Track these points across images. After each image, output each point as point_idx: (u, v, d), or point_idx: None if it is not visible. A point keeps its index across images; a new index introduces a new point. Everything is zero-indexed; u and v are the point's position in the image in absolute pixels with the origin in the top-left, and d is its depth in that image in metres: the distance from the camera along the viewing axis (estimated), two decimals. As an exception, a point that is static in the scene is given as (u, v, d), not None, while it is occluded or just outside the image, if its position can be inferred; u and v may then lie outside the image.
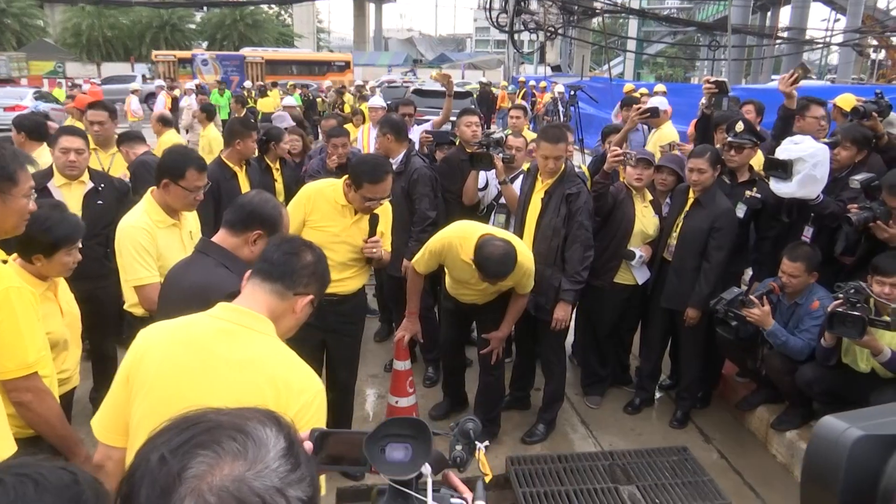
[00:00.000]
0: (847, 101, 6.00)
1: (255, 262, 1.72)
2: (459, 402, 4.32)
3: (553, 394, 4.17)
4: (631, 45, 36.41)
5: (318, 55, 38.99)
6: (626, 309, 4.50)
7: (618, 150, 4.09)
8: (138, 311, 3.01)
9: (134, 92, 15.46)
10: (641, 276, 4.36)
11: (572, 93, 9.81)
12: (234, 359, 1.54)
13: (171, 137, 6.88)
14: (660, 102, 7.07)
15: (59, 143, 3.67)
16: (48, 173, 3.77)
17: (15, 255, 2.50)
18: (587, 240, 3.88)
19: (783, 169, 3.62)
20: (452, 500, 1.22)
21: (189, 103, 13.10)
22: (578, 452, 3.95)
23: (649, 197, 4.41)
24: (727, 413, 4.49)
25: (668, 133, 6.77)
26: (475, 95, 16.17)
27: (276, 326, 1.64)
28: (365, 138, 6.72)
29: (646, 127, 7.08)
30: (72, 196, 3.62)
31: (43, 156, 4.47)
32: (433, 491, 1.17)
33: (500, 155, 4.55)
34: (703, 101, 4.55)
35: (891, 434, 0.75)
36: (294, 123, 8.04)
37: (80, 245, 2.65)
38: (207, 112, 9.15)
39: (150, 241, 2.88)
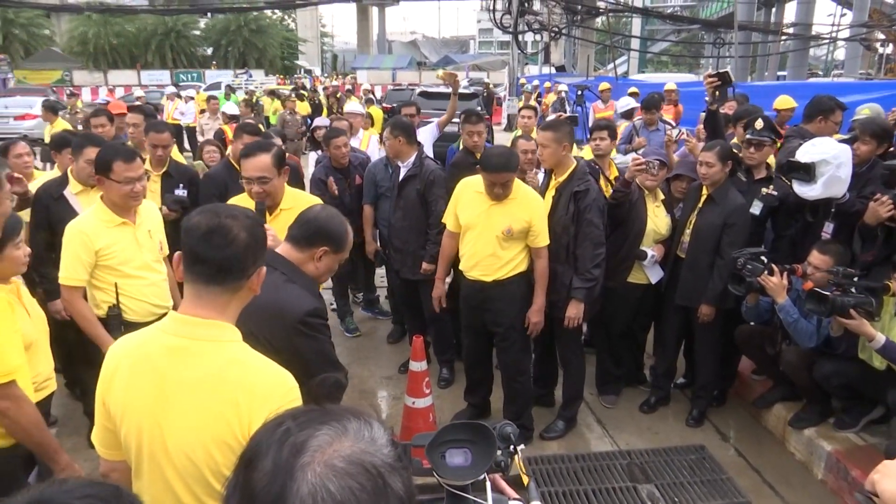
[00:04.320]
0: (785, 102, 6.30)
1: (187, 259, 1.52)
2: (483, 412, 4.29)
3: (572, 391, 4.17)
4: (635, 43, 36.36)
5: None
6: (640, 308, 4.49)
7: (640, 159, 4.09)
8: (99, 311, 3.10)
9: (169, 97, 15.67)
10: (654, 275, 4.36)
11: (579, 92, 9.79)
12: (187, 379, 1.44)
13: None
14: (627, 103, 7.19)
15: (85, 154, 3.59)
16: (63, 181, 3.77)
17: None
18: (597, 237, 3.83)
19: (805, 171, 3.61)
20: (510, 502, 1.22)
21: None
22: (595, 452, 3.94)
23: (661, 196, 4.41)
24: (743, 411, 4.48)
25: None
26: (482, 96, 16.13)
27: (234, 309, 1.53)
28: (365, 142, 6.77)
29: (667, 126, 7.10)
30: (90, 202, 3.60)
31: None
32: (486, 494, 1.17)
33: None
34: (707, 97, 4.53)
35: None
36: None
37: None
38: (52, 109, 9.46)
39: (86, 242, 2.97)
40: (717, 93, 4.40)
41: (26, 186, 3.68)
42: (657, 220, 4.32)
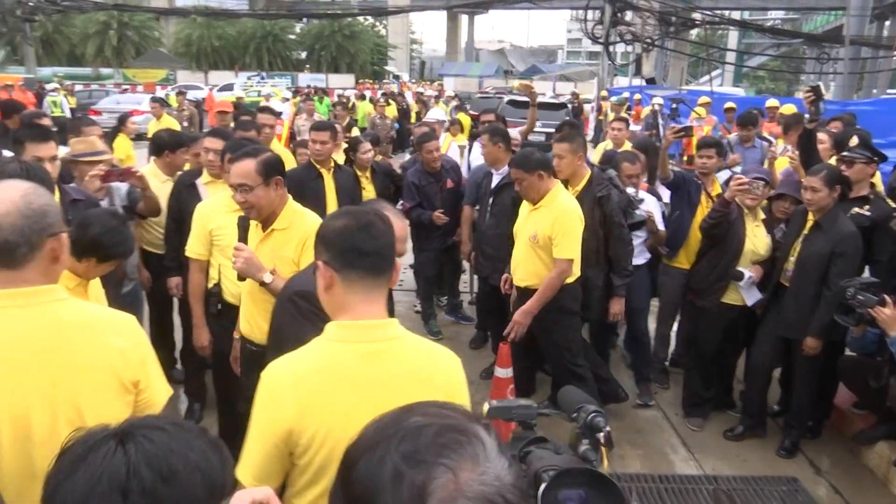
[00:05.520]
0: None
1: (348, 257, 1.53)
2: None
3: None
4: (730, 56, 35.02)
5: None
6: (733, 330, 4.35)
7: (743, 179, 3.99)
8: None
9: (265, 98, 16.45)
10: (751, 297, 4.21)
11: (674, 106, 9.57)
12: (396, 377, 1.48)
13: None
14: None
15: (202, 143, 3.96)
16: (197, 172, 4.05)
17: None
18: (626, 236, 4.08)
19: None
20: None
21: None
22: (680, 474, 3.85)
23: (761, 216, 4.26)
24: (840, 446, 4.25)
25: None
26: (571, 106, 15.97)
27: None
28: (445, 147, 6.82)
29: (765, 143, 6.84)
30: (216, 192, 3.77)
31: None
32: None
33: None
34: (807, 116, 4.37)
35: None
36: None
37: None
38: (160, 102, 9.99)
39: (203, 221, 3.27)
40: (814, 108, 4.24)
41: (146, 182, 3.87)
42: (756, 240, 4.18)
